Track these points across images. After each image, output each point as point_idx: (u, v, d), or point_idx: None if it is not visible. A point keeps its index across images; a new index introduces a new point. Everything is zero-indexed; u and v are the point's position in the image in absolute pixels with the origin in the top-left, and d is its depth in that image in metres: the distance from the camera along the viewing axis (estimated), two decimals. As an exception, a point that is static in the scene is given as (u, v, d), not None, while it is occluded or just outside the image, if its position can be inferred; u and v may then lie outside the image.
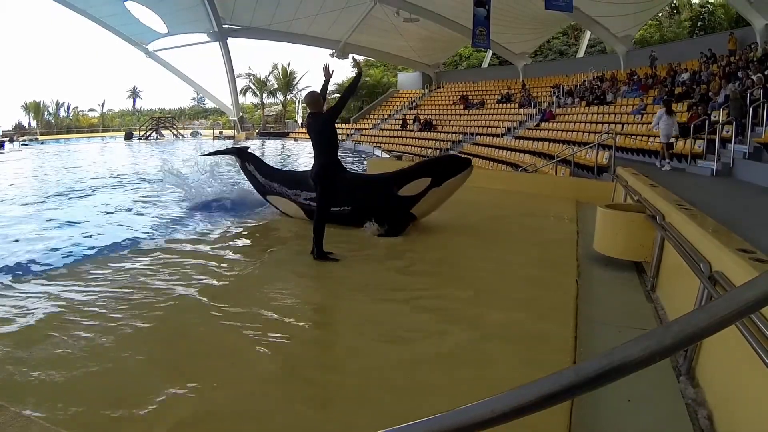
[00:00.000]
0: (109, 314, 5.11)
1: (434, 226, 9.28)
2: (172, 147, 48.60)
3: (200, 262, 7.23)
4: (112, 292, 5.78)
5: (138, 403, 3.51)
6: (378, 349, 4.52)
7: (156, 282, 6.22)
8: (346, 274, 6.86)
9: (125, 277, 6.44)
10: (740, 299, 1.16)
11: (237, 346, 4.53)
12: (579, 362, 3.54)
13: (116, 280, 6.29)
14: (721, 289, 3.44)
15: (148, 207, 13.68)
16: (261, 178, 10.58)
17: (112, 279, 6.34)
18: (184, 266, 7.03)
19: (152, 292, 5.79)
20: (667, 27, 48.56)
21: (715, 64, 24.24)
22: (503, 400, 1.25)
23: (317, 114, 7.34)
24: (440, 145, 36.70)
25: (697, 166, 15.85)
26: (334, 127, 7.53)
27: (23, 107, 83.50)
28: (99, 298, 5.60)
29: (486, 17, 32.27)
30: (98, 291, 5.83)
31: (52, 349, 4.35)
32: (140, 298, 5.59)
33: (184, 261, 7.33)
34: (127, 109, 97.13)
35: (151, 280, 6.32)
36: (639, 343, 1.19)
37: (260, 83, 70.93)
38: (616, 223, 6.83)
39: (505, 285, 6.27)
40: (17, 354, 4.25)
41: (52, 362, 4.09)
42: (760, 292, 1.13)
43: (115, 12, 49.65)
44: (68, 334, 4.62)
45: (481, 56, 56.07)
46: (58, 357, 4.20)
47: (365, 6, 45.64)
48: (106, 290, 5.86)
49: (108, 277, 6.43)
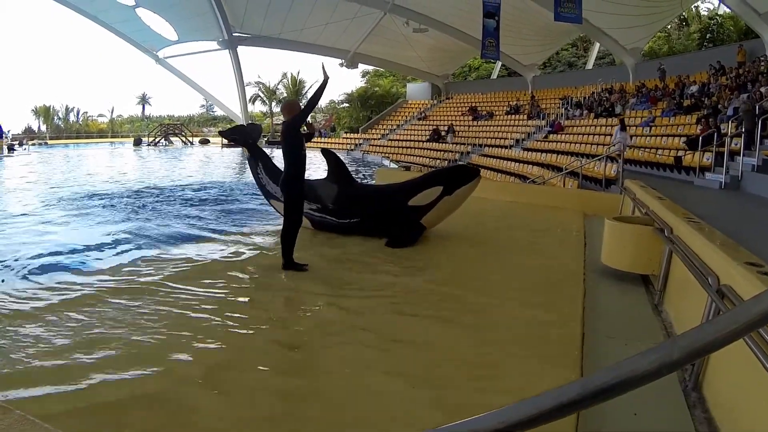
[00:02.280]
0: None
1: (441, 237, 9.26)
2: (182, 154, 48.77)
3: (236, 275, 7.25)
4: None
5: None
6: (384, 358, 4.52)
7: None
8: (349, 282, 6.84)
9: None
10: (749, 313, 1.15)
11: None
12: (586, 375, 3.52)
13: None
14: (729, 303, 3.42)
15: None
16: (266, 182, 10.45)
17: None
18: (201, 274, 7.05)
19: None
20: (676, 39, 48.54)
21: (724, 77, 24.20)
22: (510, 413, 1.25)
23: (284, 122, 7.22)
24: (449, 156, 36.67)
25: (705, 179, 15.80)
26: (295, 135, 7.25)
27: (33, 111, 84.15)
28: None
29: (495, 28, 32.32)
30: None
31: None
32: (135, 315, 5.61)
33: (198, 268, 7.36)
34: (136, 115, 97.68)
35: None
36: (646, 357, 1.19)
37: (269, 92, 71.07)
38: (624, 235, 6.80)
39: (511, 297, 6.24)
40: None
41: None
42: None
43: (126, 18, 50.11)
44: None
45: (490, 67, 56.15)
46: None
47: (375, 16, 45.77)
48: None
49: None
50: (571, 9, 27.15)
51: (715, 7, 48.29)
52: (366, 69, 68.92)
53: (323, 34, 50.37)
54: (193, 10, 48.21)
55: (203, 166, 35.42)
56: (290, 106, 7.40)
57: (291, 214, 7.34)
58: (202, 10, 48.45)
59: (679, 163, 17.41)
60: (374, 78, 70.77)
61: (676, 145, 19.16)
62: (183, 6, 47.83)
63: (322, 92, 7.33)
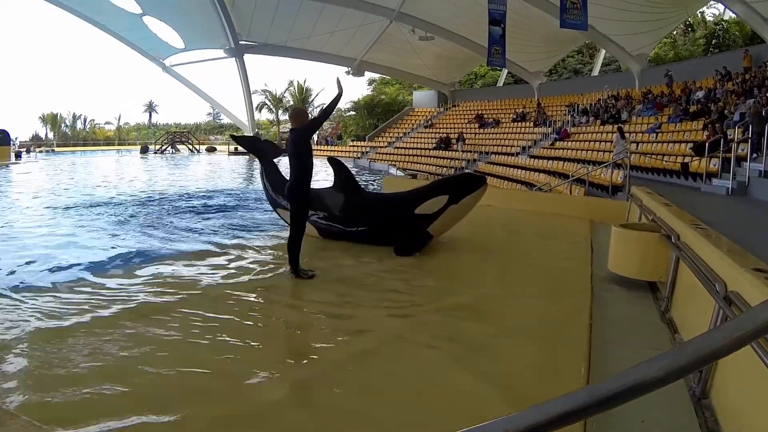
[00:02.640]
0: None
1: (448, 246, 9.27)
2: (188, 161, 48.93)
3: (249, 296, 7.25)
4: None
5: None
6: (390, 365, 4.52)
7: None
8: (355, 292, 6.84)
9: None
10: (756, 319, 1.15)
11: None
12: (593, 382, 3.51)
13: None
14: (736, 310, 3.41)
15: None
16: (272, 191, 10.48)
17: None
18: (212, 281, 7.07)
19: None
20: (681, 45, 48.45)
21: (730, 82, 24.15)
22: (517, 420, 1.25)
23: (294, 129, 7.26)
24: (456, 164, 36.68)
25: (712, 185, 15.76)
26: (304, 143, 7.26)
27: (40, 119, 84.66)
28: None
29: (501, 36, 32.29)
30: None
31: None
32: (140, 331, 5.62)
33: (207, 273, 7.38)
34: (143, 122, 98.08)
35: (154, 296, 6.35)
36: (653, 364, 1.19)
37: (276, 100, 71.23)
38: (631, 242, 6.79)
39: (518, 304, 6.25)
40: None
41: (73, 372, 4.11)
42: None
43: (133, 27, 50.44)
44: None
45: (497, 75, 56.26)
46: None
47: (381, 24, 45.86)
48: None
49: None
50: (576, 16, 27.10)
51: (720, 13, 48.37)
52: (372, 77, 69.19)
53: (329, 42, 50.55)
54: (200, 18, 48.39)
55: (210, 174, 35.44)
56: (298, 114, 7.48)
57: (297, 222, 7.37)
58: (209, 18, 48.63)
59: (686, 169, 17.37)
60: (380, 86, 70.92)
61: (683, 151, 19.08)
62: (189, 14, 48.01)
63: (335, 105, 7.51)
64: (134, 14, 48.94)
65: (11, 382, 3.98)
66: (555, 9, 28.30)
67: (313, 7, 44.27)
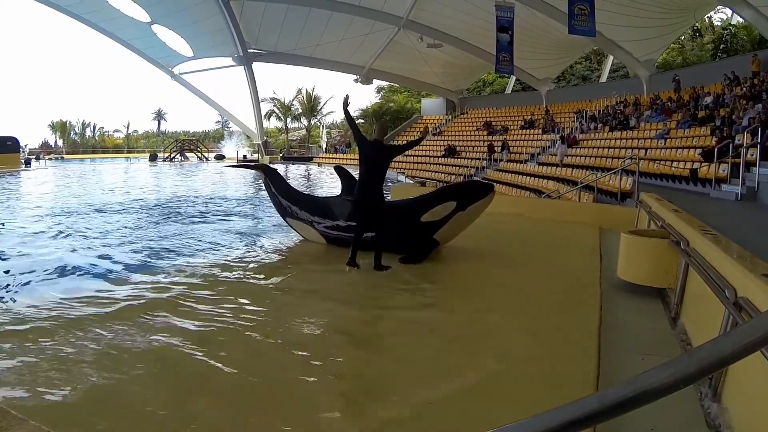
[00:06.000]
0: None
1: (456, 253, 9.26)
2: (197, 169, 49.08)
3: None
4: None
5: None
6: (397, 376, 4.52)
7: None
8: (361, 298, 6.86)
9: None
10: (766, 325, 1.15)
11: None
12: (602, 389, 3.50)
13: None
14: (746, 315, 3.39)
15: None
16: (283, 200, 10.51)
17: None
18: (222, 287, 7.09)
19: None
20: (689, 50, 48.42)
21: (739, 87, 24.05)
22: (526, 427, 1.25)
23: (382, 146, 8.13)
24: (464, 171, 36.64)
25: (721, 191, 15.70)
26: (389, 158, 8.31)
27: (50, 126, 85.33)
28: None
29: (509, 43, 32.36)
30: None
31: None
32: (159, 327, 5.64)
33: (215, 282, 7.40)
34: (151, 130, 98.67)
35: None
36: (663, 370, 1.19)
37: (284, 108, 71.51)
38: (640, 249, 6.76)
39: (527, 311, 6.24)
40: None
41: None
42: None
43: (142, 35, 50.85)
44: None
45: (505, 82, 56.24)
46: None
47: (389, 32, 46.00)
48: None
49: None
50: (584, 22, 27.12)
51: (728, 17, 48.27)
52: (381, 84, 69.36)
53: (338, 50, 50.76)
54: (209, 26, 48.70)
55: (219, 182, 35.50)
56: (383, 128, 9.27)
57: (380, 227, 8.26)
58: (218, 27, 48.94)
59: (695, 175, 17.31)
60: (389, 93, 71.10)
61: (692, 157, 19.02)
62: (198, 22, 48.28)
63: (419, 142, 8.98)
64: (143, 23, 49.30)
65: (18, 387, 4.02)
66: (563, 16, 28.37)
67: (321, 16, 44.54)
